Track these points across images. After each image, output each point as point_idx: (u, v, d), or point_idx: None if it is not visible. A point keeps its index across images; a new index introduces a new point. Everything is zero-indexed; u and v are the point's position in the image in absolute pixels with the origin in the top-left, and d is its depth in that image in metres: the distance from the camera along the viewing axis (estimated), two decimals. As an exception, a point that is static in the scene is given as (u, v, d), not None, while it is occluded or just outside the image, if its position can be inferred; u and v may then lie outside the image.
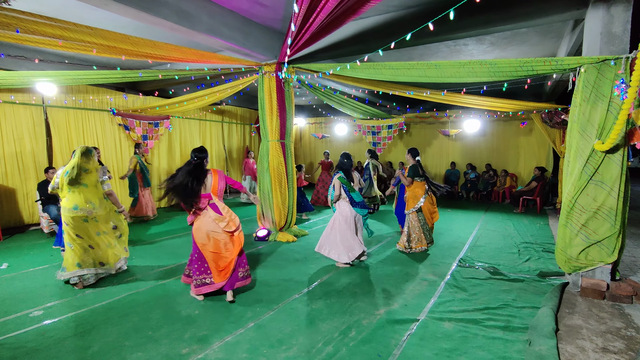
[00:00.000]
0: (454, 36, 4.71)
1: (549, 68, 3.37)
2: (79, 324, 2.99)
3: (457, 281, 3.91)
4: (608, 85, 3.14)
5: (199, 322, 3.00)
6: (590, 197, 3.36)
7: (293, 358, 2.49)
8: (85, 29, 3.61)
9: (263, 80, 5.64)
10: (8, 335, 2.82)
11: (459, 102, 6.40)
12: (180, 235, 6.03)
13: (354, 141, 12.50)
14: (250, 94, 9.61)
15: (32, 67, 6.24)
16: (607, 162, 3.25)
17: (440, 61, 4.57)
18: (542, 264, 4.45)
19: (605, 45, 3.40)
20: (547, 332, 2.68)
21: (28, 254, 5.03)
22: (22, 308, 3.30)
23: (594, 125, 3.26)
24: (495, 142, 10.35)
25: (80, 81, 5.93)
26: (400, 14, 4.76)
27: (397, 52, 6.60)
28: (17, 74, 5.27)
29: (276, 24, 5.31)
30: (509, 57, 6.84)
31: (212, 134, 10.40)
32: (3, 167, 6.28)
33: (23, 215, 6.53)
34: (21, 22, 3.21)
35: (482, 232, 6.15)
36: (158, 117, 8.48)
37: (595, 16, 3.51)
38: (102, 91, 7.58)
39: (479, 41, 6.03)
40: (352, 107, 8.90)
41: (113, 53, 4.09)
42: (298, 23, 3.54)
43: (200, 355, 2.53)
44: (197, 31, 4.28)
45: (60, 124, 7.00)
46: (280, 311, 3.21)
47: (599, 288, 3.43)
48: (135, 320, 3.05)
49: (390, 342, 2.69)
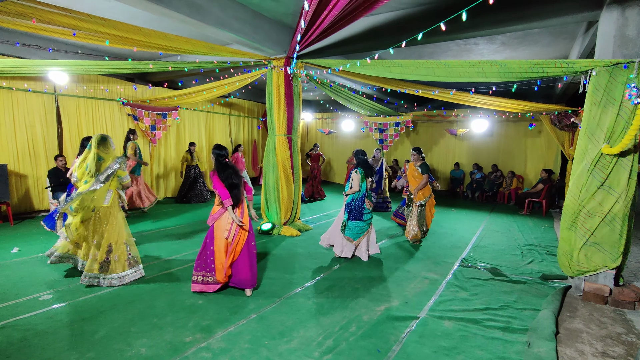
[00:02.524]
0: (465, 35, 4.67)
1: (560, 70, 3.33)
2: (87, 309, 3.07)
3: (459, 280, 3.93)
4: (619, 89, 3.10)
5: (203, 312, 3.06)
6: (596, 201, 3.34)
7: (294, 350, 2.54)
8: (99, 20, 3.66)
9: (272, 75, 5.65)
10: (19, 317, 2.92)
11: (468, 102, 6.35)
12: (184, 227, 6.11)
13: (360, 138, 12.48)
14: (258, 87, 9.64)
15: (45, 56, 6.33)
16: (617, 168, 3.23)
17: (450, 60, 4.54)
18: (545, 267, 4.45)
19: (618, 49, 3.35)
20: (547, 335, 2.69)
21: (38, 239, 5.15)
22: (32, 292, 3.39)
23: (602, 129, 3.23)
24: (502, 143, 10.26)
25: (91, 71, 6.00)
26: (411, 11, 4.72)
27: (407, 49, 6.55)
28: (31, 62, 5.35)
29: (286, 18, 5.31)
30: (519, 57, 6.76)
31: (219, 126, 10.45)
32: (15, 153, 6.40)
33: (33, 201, 6.67)
34: (37, 11, 3.27)
35: (486, 233, 6.14)
36: (166, 108, 8.54)
37: (609, 18, 3.46)
38: (112, 81, 7.66)
39: (490, 41, 5.96)
40: (359, 104, 8.87)
41: (125, 44, 4.14)
42: (308, 19, 3.54)
43: (203, 344, 2.59)
44: (207, 24, 4.30)
45: (71, 112, 7.09)
46: (282, 304, 3.26)
47: (601, 293, 3.42)
48: (141, 307, 3.12)
49: (390, 338, 2.73)
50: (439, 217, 7.36)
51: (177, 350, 2.50)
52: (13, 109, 6.34)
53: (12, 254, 4.48)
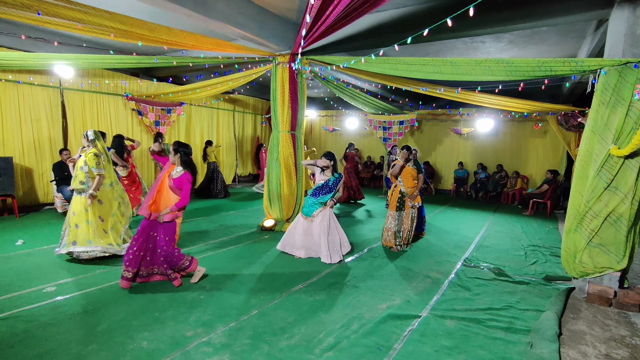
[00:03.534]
0: (472, 33, 4.62)
1: (569, 69, 3.29)
2: (90, 302, 3.09)
3: (462, 280, 3.91)
4: (629, 89, 3.06)
5: (204, 307, 3.07)
6: (602, 202, 3.30)
7: (295, 346, 2.54)
8: (104, 13, 3.65)
9: (276, 71, 5.63)
10: (23, 308, 2.94)
11: (473, 101, 6.30)
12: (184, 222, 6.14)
13: (364, 135, 12.44)
14: (262, 83, 9.62)
15: (50, 49, 6.35)
16: (624, 169, 3.18)
17: (456, 58, 4.50)
18: (549, 268, 4.41)
19: (628, 48, 3.30)
20: (549, 336, 2.67)
21: (42, 231, 5.19)
22: (36, 283, 3.42)
23: (611, 129, 3.18)
24: (508, 143, 10.18)
25: (96, 65, 6.02)
26: (417, 8, 4.68)
27: (413, 47, 6.50)
28: (36, 55, 5.36)
29: (291, 14, 5.28)
30: (527, 56, 6.68)
31: (223, 122, 10.46)
32: (20, 147, 6.44)
33: (38, 195, 6.71)
34: (42, 4, 3.26)
35: (490, 233, 6.10)
36: (171, 104, 8.55)
37: (620, 17, 3.40)
38: (117, 75, 7.68)
39: (497, 39, 5.90)
40: (364, 101, 8.83)
41: (130, 38, 4.13)
42: (313, 14, 3.51)
43: (205, 338, 2.60)
44: (213, 19, 4.29)
45: (76, 106, 7.12)
46: (284, 300, 3.26)
47: (605, 295, 3.39)
48: (143, 301, 3.14)
49: (391, 336, 2.72)
50: (442, 217, 7.33)
51: (178, 344, 2.51)
52: (19, 102, 6.37)
53: (16, 246, 4.52)
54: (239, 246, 4.86)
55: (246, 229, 5.78)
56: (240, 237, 5.30)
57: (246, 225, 6.01)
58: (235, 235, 5.42)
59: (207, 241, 5.02)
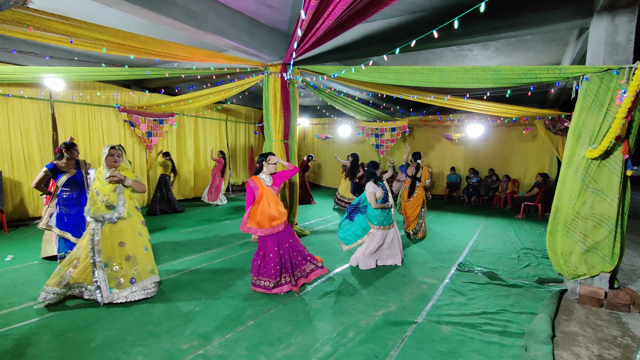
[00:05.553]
0: (459, 42, 4.74)
1: (553, 76, 3.39)
2: (82, 317, 3.04)
3: (456, 285, 3.94)
4: (609, 95, 3.16)
5: (200, 319, 3.05)
6: (588, 205, 3.38)
7: (292, 356, 2.53)
8: (96, 27, 3.67)
9: (268, 81, 5.68)
10: (13, 326, 2.88)
11: (463, 107, 6.42)
12: (182, 233, 6.09)
13: (357, 143, 12.53)
14: (255, 93, 9.67)
15: (42, 62, 6.33)
16: (605, 171, 3.27)
17: (445, 66, 4.59)
18: (541, 271, 4.47)
19: (609, 55, 3.42)
20: (543, 338, 2.71)
21: (32, 247, 5.10)
22: (26, 300, 3.36)
23: (588, 133, 3.29)
24: (498, 148, 10.35)
25: (88, 78, 6.01)
26: (406, 18, 4.79)
27: (402, 56, 6.63)
28: (27, 69, 5.34)
29: (282, 25, 5.36)
30: (513, 63, 6.85)
31: (215, 132, 10.46)
32: (10, 161, 6.36)
33: (28, 209, 6.61)
34: (34, 19, 3.27)
35: (483, 237, 6.17)
36: (163, 115, 8.54)
37: (599, 26, 3.53)
38: (108, 87, 7.66)
39: (484, 47, 6.05)
40: (355, 109, 8.93)
41: (122, 51, 4.15)
42: (304, 28, 3.58)
43: (201, 351, 2.57)
44: (204, 31, 4.34)
45: (67, 119, 7.07)
46: (280, 310, 3.25)
47: (596, 296, 3.45)
48: (137, 315, 3.10)
49: (387, 343, 2.72)
50: (435, 222, 7.39)
51: (173, 358, 2.48)
52: (8, 115, 6.32)
53: (6, 262, 4.44)
54: (233, 256, 4.84)
55: (240, 238, 5.76)
56: (234, 247, 5.27)
57: (241, 234, 5.99)
58: (230, 245, 5.39)
59: (201, 252, 4.99)
